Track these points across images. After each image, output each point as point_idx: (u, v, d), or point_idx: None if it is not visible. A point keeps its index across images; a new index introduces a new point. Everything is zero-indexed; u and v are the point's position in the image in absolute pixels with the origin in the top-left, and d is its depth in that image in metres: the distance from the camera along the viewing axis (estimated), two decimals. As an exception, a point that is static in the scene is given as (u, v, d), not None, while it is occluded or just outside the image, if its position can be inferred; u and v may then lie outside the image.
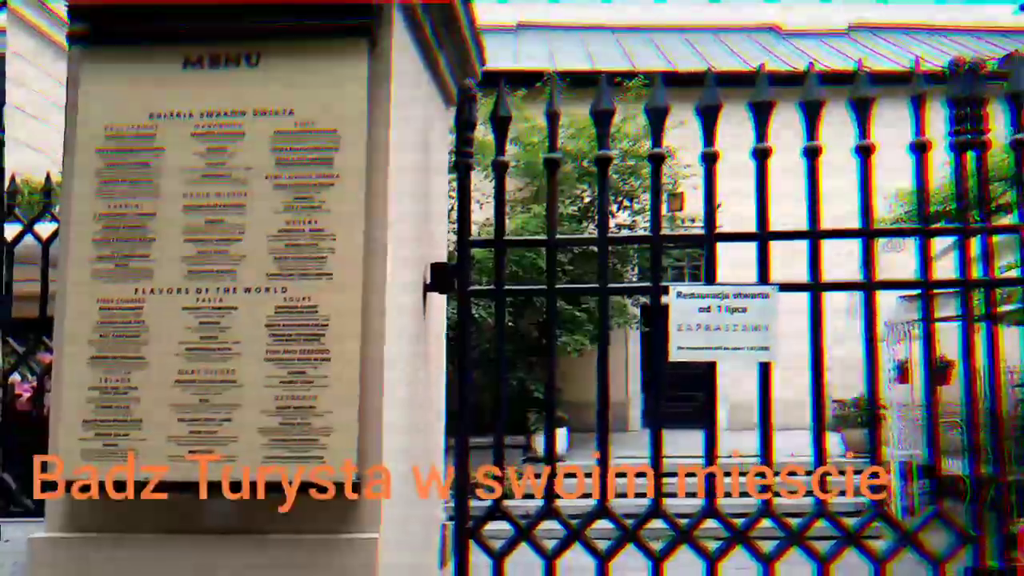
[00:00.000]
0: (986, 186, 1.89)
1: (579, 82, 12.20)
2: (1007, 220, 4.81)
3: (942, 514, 1.79)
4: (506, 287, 1.93)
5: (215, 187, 1.65)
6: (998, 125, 1.84)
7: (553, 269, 1.92)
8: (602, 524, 1.84)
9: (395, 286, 1.69)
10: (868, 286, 1.85)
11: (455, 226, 1.99)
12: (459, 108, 1.98)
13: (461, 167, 1.95)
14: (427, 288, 1.95)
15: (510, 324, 9.30)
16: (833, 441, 10.49)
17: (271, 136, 1.64)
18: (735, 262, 2.25)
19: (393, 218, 1.67)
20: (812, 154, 1.89)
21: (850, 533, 1.77)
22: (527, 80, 10.55)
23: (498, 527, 1.85)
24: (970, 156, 1.88)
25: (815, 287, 1.86)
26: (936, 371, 1.92)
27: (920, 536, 1.77)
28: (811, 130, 1.89)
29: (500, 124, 1.99)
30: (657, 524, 1.83)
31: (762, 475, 1.87)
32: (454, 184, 2.09)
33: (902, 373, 8.96)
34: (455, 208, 2.02)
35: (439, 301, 2.13)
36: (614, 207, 10.82)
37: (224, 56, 1.68)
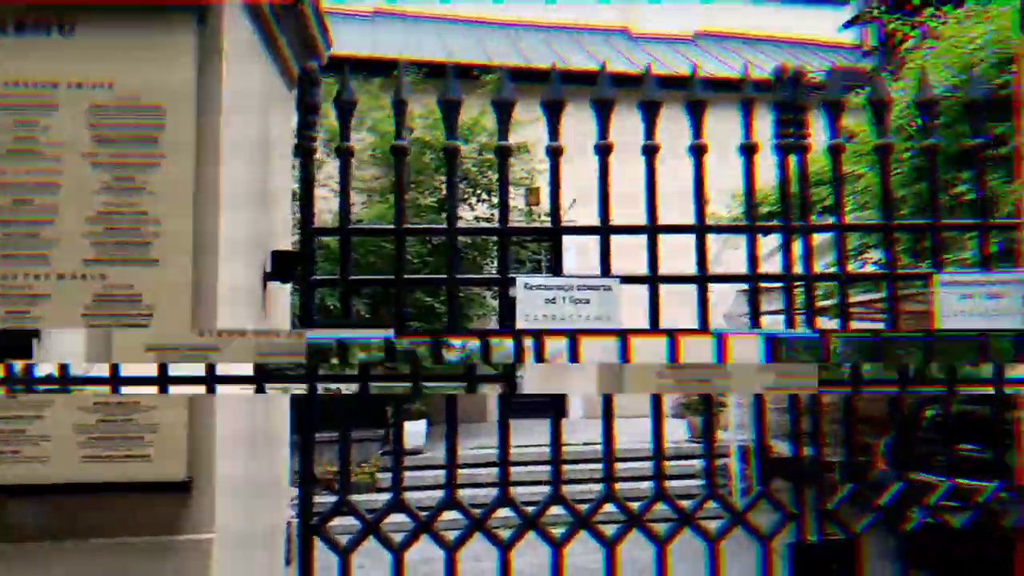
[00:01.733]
0: (807, 187, 2.03)
1: (438, 73, 12.16)
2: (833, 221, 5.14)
3: (768, 494, 1.91)
4: (351, 277, 1.88)
5: (24, 164, 1.50)
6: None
7: (402, 258, 1.89)
8: (455, 515, 1.85)
9: (229, 274, 1.60)
10: (700, 279, 1.94)
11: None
12: (300, 90, 1.90)
13: (303, 151, 1.88)
14: (267, 277, 1.86)
15: (368, 316, 9.14)
16: (679, 427, 11.09)
17: (87, 110, 1.50)
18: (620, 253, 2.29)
19: (227, 202, 1.59)
20: (649, 152, 1.96)
21: (686, 515, 1.87)
22: (386, 68, 10.38)
23: (352, 523, 1.81)
24: (793, 159, 2.02)
25: (653, 280, 1.94)
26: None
27: (750, 515, 1.88)
28: (649, 129, 1.97)
29: (344, 109, 1.92)
30: (510, 513, 1.85)
31: (605, 462, 1.92)
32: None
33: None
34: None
35: (281, 291, 2.05)
36: (473, 200, 10.85)
37: (33, 22, 1.52)
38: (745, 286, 2.01)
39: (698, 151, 1.97)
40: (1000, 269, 2.01)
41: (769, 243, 2.22)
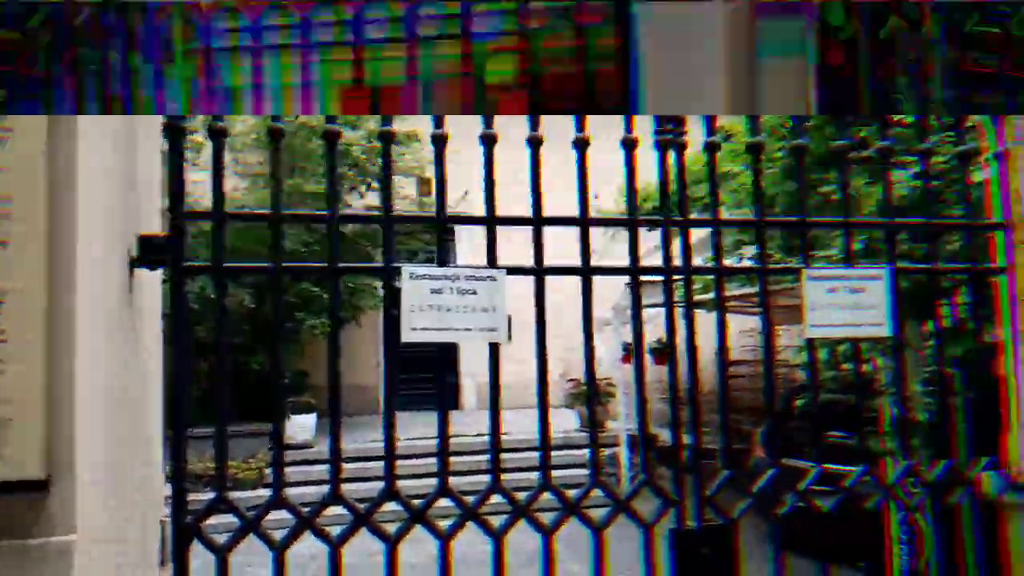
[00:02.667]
0: (685, 184, 2.09)
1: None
2: (724, 215, 5.35)
3: (650, 482, 1.97)
4: (225, 264, 1.79)
5: None
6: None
7: (278, 246, 1.82)
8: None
9: (89, 260, 1.50)
10: (584, 271, 1.97)
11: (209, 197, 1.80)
12: (175, 66, 1.79)
13: (170, 129, 1.77)
14: (133, 263, 1.75)
15: (252, 306, 8.82)
16: (569, 417, 11.32)
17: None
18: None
19: (85, 181, 1.48)
20: (535, 144, 1.97)
21: (571, 504, 1.89)
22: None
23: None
24: (672, 155, 2.07)
25: (538, 271, 1.95)
26: (657, 351, 2.10)
27: (639, 503, 1.93)
28: (534, 121, 1.97)
29: (221, 87, 1.83)
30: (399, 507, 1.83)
31: (491, 453, 1.92)
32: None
33: (628, 353, 9.87)
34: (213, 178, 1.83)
35: (151, 279, 1.94)
36: (363, 188, 10.65)
37: None
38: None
39: (580, 145, 1.99)
40: (862, 265, 2.13)
41: (658, 237, 2.28)
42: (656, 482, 1.95)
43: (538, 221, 1.97)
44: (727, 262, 5.88)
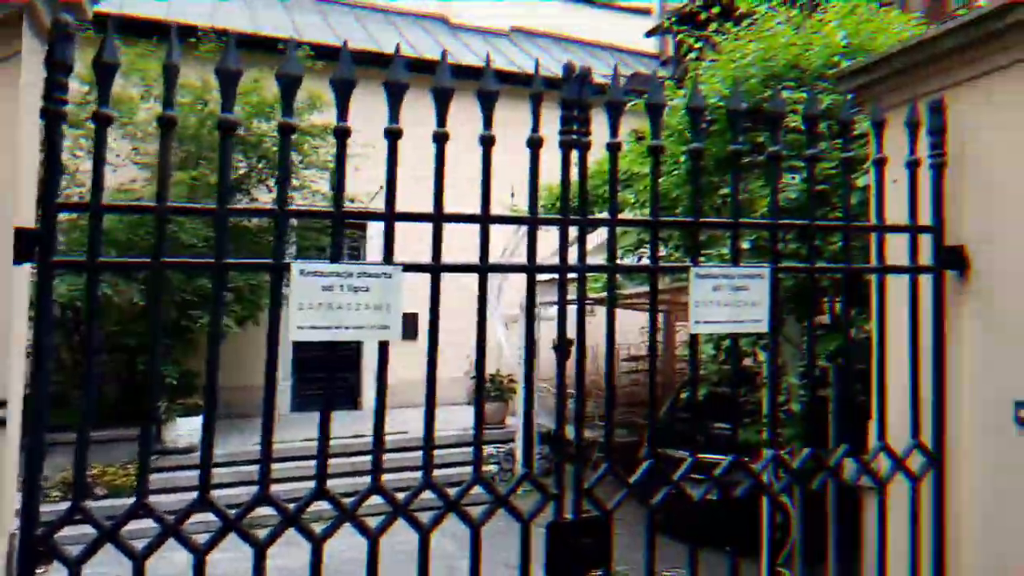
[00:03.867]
0: (585, 183, 2.12)
1: (238, 44, 11.45)
2: (625, 215, 5.45)
3: (530, 476, 1.99)
4: (100, 260, 1.71)
5: None
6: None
7: (162, 239, 1.75)
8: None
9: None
10: (481, 269, 1.98)
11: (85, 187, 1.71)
12: (51, 46, 1.70)
13: (48, 115, 1.68)
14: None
15: (142, 304, 8.45)
16: (470, 413, 11.34)
17: None
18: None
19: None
20: (440, 140, 1.97)
21: (450, 501, 1.90)
22: (184, 35, 9.63)
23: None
24: (575, 154, 2.10)
25: (435, 268, 1.94)
26: (555, 348, 2.12)
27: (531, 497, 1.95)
28: (440, 118, 1.97)
29: (103, 71, 1.75)
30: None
31: (373, 454, 1.90)
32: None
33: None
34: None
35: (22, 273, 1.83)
36: (271, 181, 10.36)
37: None
38: (545, 276, 2.07)
39: (486, 142, 2.00)
40: (747, 264, 2.22)
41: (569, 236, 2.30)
42: (533, 476, 1.98)
43: (437, 218, 1.96)
44: (629, 260, 6.02)
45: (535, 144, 2.03)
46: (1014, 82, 2.33)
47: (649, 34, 16.64)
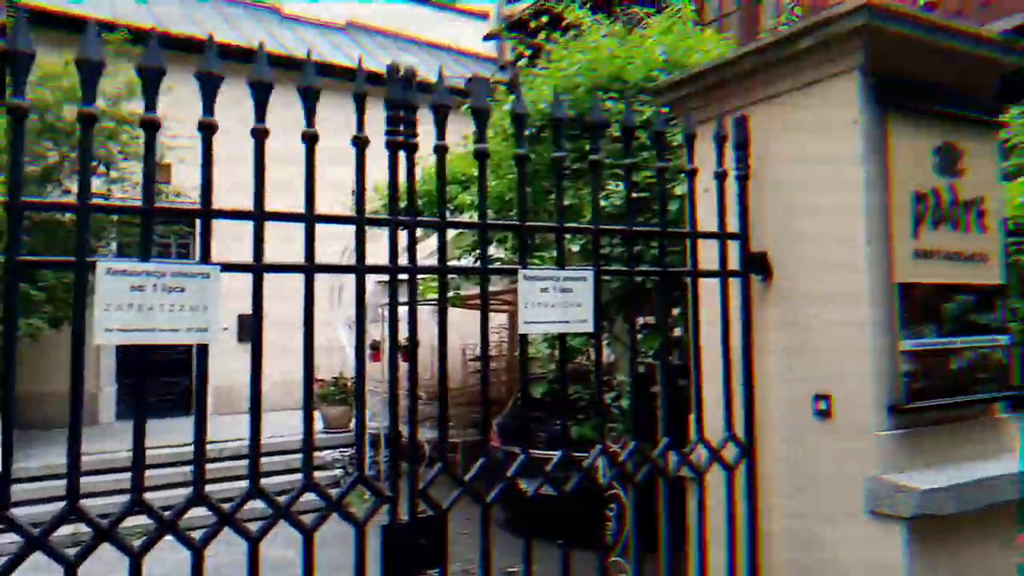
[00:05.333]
0: (413, 184, 2.12)
1: (44, 21, 10.48)
2: (466, 217, 5.51)
3: (364, 479, 1.97)
4: None
5: None
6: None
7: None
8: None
9: None
10: (308, 269, 1.93)
11: None
12: None
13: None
14: None
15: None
16: (315, 418, 11.03)
17: None
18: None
19: None
20: (259, 135, 1.90)
21: (280, 508, 1.84)
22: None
23: None
24: (403, 156, 2.10)
25: (257, 268, 1.88)
26: (402, 348, 2.10)
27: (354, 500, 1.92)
28: (259, 113, 1.90)
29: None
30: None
31: (195, 463, 1.81)
32: None
33: (375, 352, 9.83)
34: None
35: None
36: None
37: None
38: (385, 277, 2.05)
39: (308, 139, 1.95)
40: (572, 267, 2.31)
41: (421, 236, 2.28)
42: (367, 480, 1.96)
43: (259, 216, 1.89)
44: (466, 262, 6.09)
45: (360, 144, 2.01)
46: (807, 102, 2.58)
47: (486, 38, 16.90)
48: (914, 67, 2.53)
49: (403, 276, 2.08)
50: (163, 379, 11.85)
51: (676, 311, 4.20)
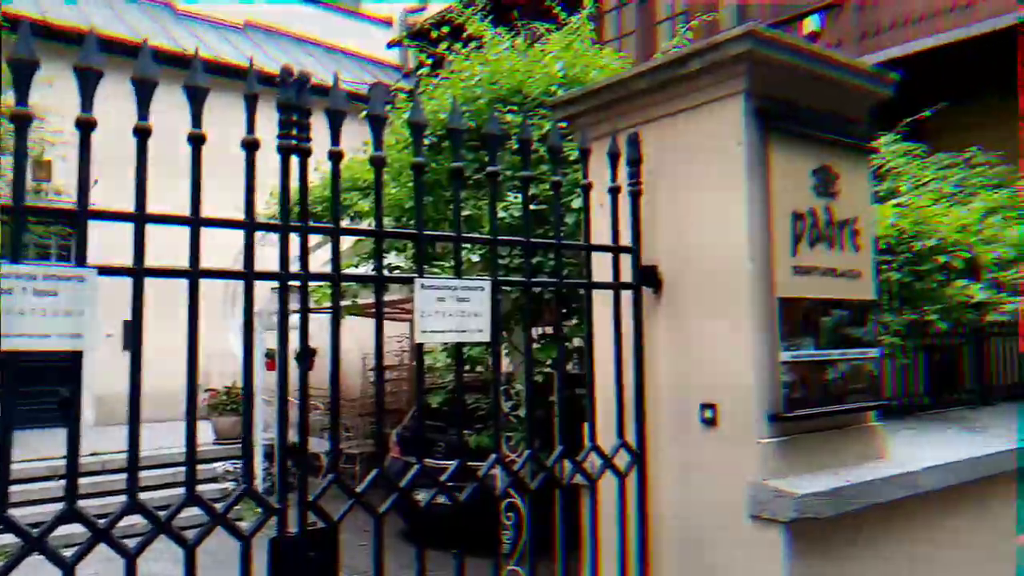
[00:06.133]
0: (306, 190, 2.08)
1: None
2: (365, 225, 5.41)
3: (252, 492, 1.91)
4: None
5: None
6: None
7: None
8: None
9: None
10: (192, 274, 1.85)
11: None
12: None
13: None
14: None
15: None
16: (206, 429, 10.59)
17: None
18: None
19: None
20: (142, 134, 1.81)
21: (160, 523, 1.75)
22: None
23: None
24: (295, 160, 2.05)
25: (138, 272, 1.79)
26: (297, 358, 2.04)
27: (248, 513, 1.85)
28: (142, 110, 1.81)
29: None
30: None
31: (68, 479, 1.71)
32: None
33: (271, 359, 9.53)
34: None
35: None
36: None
37: None
38: (277, 283, 1.99)
39: (195, 140, 1.88)
40: (468, 276, 2.31)
41: (314, 242, 2.23)
42: (255, 493, 1.90)
43: (140, 218, 1.80)
44: (364, 270, 6.01)
45: (250, 146, 1.95)
46: (697, 121, 2.68)
47: (390, 45, 16.79)
48: (795, 93, 2.67)
49: (296, 283, 2.02)
50: (44, 387, 11.13)
51: (575, 321, 4.27)
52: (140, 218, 1.80)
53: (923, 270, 3.90)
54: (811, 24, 9.43)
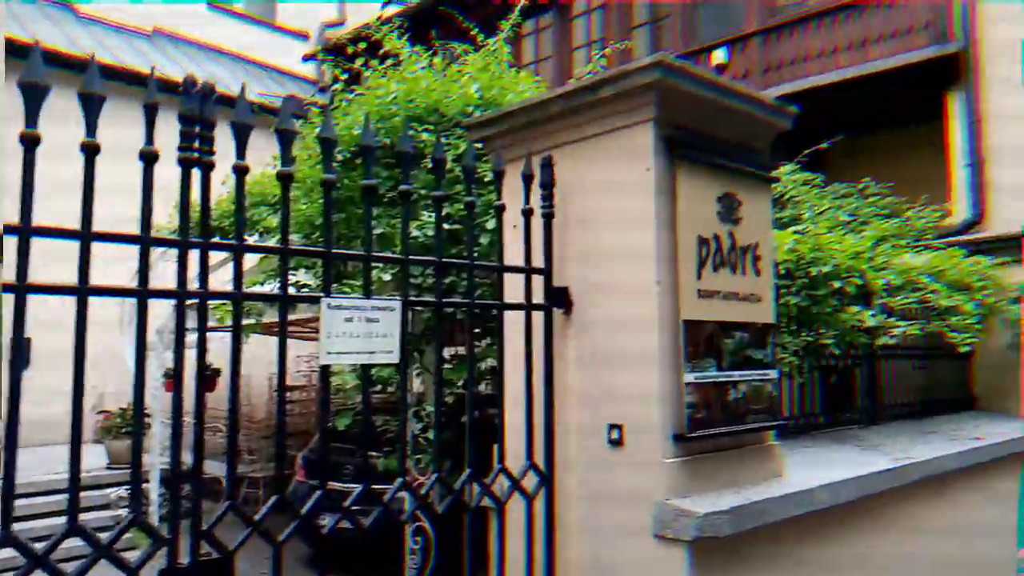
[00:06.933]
0: (208, 203, 2.00)
1: None
2: (272, 242, 5.29)
3: (140, 521, 1.80)
4: None
5: None
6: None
7: None
8: None
9: None
10: (80, 291, 1.75)
11: None
12: None
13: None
14: None
15: None
16: (100, 453, 10.04)
17: None
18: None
19: None
20: (29, 142, 1.71)
21: (36, 557, 1.63)
22: None
23: None
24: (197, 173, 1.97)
25: (20, 289, 1.67)
26: (205, 377, 1.95)
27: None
28: (30, 118, 1.71)
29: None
30: None
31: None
32: None
33: (169, 379, 9.14)
34: None
35: None
36: None
37: None
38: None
39: (87, 150, 1.78)
40: (378, 296, 2.27)
41: (222, 258, 2.14)
42: (144, 522, 1.80)
43: (25, 231, 1.69)
44: (272, 287, 5.84)
45: (148, 158, 1.86)
46: (609, 147, 2.73)
47: (305, 59, 16.53)
48: (702, 122, 2.76)
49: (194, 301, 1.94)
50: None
51: (488, 342, 4.26)
52: (24, 231, 1.69)
53: (819, 295, 4.08)
54: (719, 56, 9.81)
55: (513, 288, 2.74)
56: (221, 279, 3.14)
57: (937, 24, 8.05)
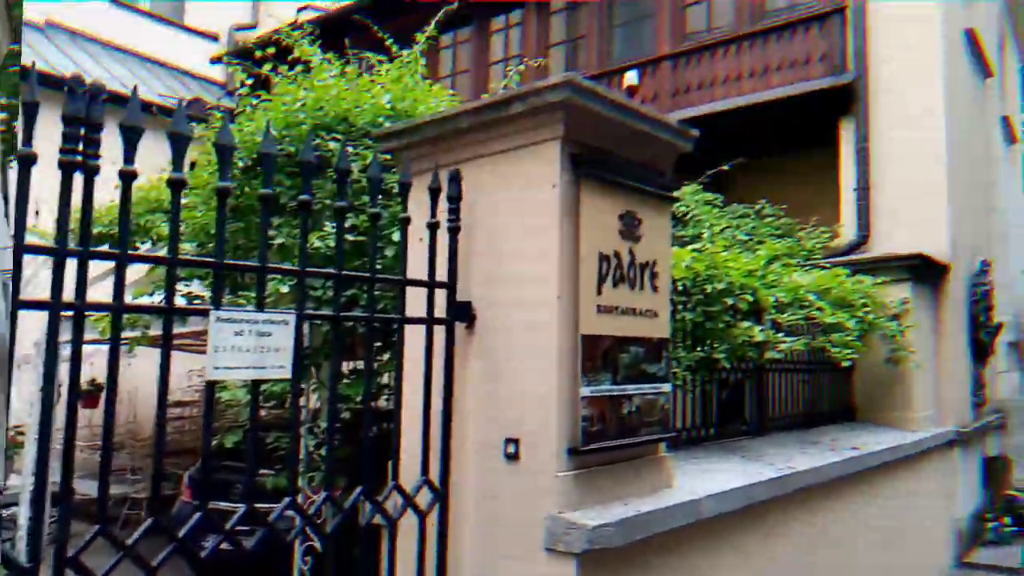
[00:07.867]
0: (90, 209, 1.91)
1: None
2: (163, 251, 5.07)
3: None
4: None
5: None
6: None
7: None
8: None
9: None
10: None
11: None
12: None
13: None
14: None
15: None
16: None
17: None
18: None
19: None
20: None
21: None
22: None
23: None
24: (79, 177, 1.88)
25: None
26: (88, 392, 1.84)
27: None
28: None
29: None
30: None
31: None
32: None
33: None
34: None
35: None
36: None
37: None
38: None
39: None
40: (271, 310, 2.22)
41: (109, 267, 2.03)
42: (5, 549, 1.69)
43: None
44: (160, 298, 5.61)
45: (25, 160, 1.77)
46: (517, 162, 2.75)
47: (213, 61, 16.04)
48: (608, 142, 2.82)
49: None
50: None
51: (388, 356, 4.21)
52: None
53: (714, 311, 4.23)
54: (631, 77, 10.06)
55: (416, 302, 2.73)
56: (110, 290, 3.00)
57: (833, 56, 8.50)
